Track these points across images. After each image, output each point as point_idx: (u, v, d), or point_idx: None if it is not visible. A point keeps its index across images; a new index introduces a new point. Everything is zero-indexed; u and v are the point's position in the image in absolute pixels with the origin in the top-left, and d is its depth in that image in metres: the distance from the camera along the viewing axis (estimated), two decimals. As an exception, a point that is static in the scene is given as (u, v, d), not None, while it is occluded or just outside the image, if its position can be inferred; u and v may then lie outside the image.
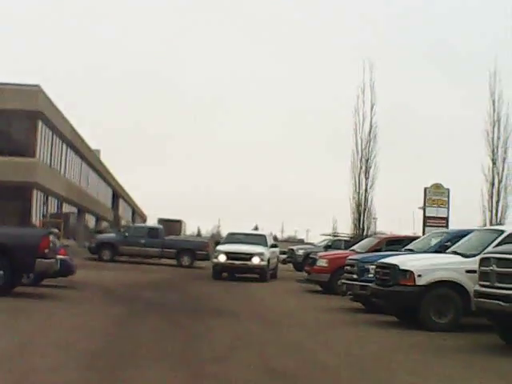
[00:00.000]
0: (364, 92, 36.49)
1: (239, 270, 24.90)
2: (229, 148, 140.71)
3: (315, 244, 37.82)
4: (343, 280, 15.92)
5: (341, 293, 16.36)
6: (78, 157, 47.45)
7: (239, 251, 24.77)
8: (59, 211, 41.99)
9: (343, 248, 27.19)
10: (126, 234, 33.98)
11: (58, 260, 14.62)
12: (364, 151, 36.04)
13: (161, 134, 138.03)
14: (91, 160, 52.02)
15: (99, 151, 57.84)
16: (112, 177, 63.58)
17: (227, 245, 25.72)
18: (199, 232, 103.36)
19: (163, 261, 33.76)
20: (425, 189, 32.94)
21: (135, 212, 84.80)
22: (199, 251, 33.15)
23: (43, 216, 37.33)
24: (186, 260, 32.97)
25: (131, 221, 75.35)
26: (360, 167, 35.98)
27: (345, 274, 15.97)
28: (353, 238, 32.50)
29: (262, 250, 25.07)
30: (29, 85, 33.66)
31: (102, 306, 13.44)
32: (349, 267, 15.84)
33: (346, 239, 33.44)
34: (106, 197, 63.40)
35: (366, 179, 35.91)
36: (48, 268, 13.76)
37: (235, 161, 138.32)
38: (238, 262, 24.52)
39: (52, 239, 13.96)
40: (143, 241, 33.15)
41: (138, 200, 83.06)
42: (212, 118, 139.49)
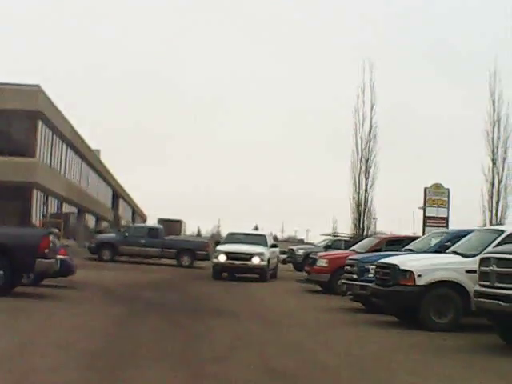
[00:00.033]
0: (364, 92, 36.60)
1: (239, 270, 24.89)
2: (229, 148, 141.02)
3: (315, 244, 37.83)
4: (343, 280, 15.92)
5: (341, 293, 16.36)
6: (78, 157, 47.49)
7: (239, 251, 24.74)
8: (59, 211, 41.96)
9: (343, 248, 27.19)
10: (126, 234, 33.94)
11: (58, 260, 14.62)
12: (364, 151, 36.17)
13: (161, 134, 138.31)
14: (91, 160, 52.07)
15: (99, 151, 57.87)
16: (112, 177, 63.61)
17: (227, 245, 25.70)
18: (199, 232, 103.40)
19: (163, 261, 33.77)
20: (425, 189, 32.99)
21: (135, 212, 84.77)
22: (199, 251, 33.12)
23: (43, 216, 37.28)
24: (186, 260, 32.95)
25: (131, 221, 75.35)
26: (360, 167, 36.09)
27: (345, 274, 15.97)
28: (353, 238, 32.50)
29: (262, 250, 25.04)
30: (29, 85, 33.68)
31: (102, 306, 13.46)
32: (349, 267, 15.84)
33: (346, 239, 33.44)
34: (106, 197, 63.41)
35: (366, 179, 36.00)
36: (48, 268, 13.76)
37: (235, 161, 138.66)
38: (238, 262, 24.49)
39: (52, 239, 13.95)
40: (143, 241, 33.12)
41: (138, 200, 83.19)
42: (212, 118, 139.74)
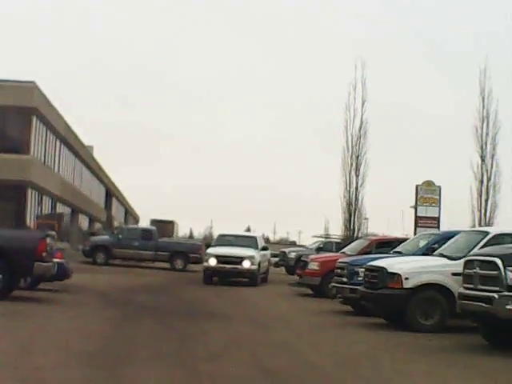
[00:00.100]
0: (355, 89, 36.47)
1: (229, 274, 24.47)
2: (220, 147, 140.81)
3: (307, 246, 37.97)
4: (333, 283, 16.03)
5: (331, 296, 16.59)
6: (72, 153, 46.66)
7: (229, 254, 24.29)
8: (53, 211, 41.30)
9: (334, 250, 27.45)
10: (120, 236, 33.57)
11: (55, 263, 14.61)
12: (354, 148, 35.98)
13: (153, 133, 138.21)
14: (84, 157, 51.11)
15: (92, 147, 56.59)
16: (105, 174, 62.60)
17: (217, 247, 25.31)
18: (191, 233, 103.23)
19: (156, 264, 33.45)
20: (416, 186, 32.68)
21: (128, 212, 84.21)
22: (192, 254, 32.76)
23: (37, 217, 36.66)
24: (180, 263, 32.64)
25: (124, 222, 75.18)
26: (350, 164, 35.95)
27: (335, 278, 16.04)
28: (344, 240, 32.66)
29: (253, 253, 24.55)
30: (24, 81, 33.49)
31: (98, 310, 13.65)
32: (339, 270, 15.94)
33: (338, 241, 33.66)
34: (100, 196, 62.56)
35: (357, 177, 35.83)
36: (46, 271, 13.70)
37: (227, 160, 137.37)
38: (229, 266, 24.07)
39: (49, 242, 13.87)
40: (137, 243, 32.75)
41: (131, 200, 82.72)
42: (206, 118, 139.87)
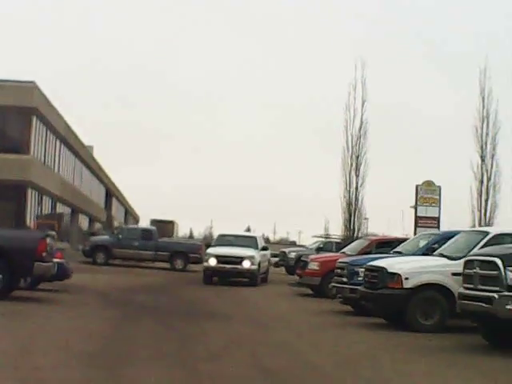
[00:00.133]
0: (356, 89, 36.47)
1: (229, 274, 24.50)
2: (220, 147, 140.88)
3: (307, 246, 37.97)
4: (333, 283, 16.03)
5: (331, 296, 16.59)
6: (72, 153, 46.63)
7: (229, 254, 24.32)
8: (53, 211, 41.32)
9: (334, 250, 27.45)
10: (120, 236, 33.59)
11: (55, 263, 14.62)
12: (354, 148, 35.94)
13: (154, 134, 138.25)
14: (84, 157, 51.08)
15: (92, 147, 56.56)
16: (105, 174, 62.55)
17: (217, 247, 25.35)
18: (191, 233, 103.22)
19: (156, 264, 33.49)
20: (416, 186, 32.66)
21: (128, 212, 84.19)
22: (192, 254, 32.80)
23: (37, 217, 36.68)
24: (180, 263, 32.67)
25: (124, 222, 75.16)
26: (350, 164, 35.91)
27: (335, 278, 16.04)
28: (344, 240, 32.67)
29: (253, 253, 24.58)
30: (24, 81, 33.49)
31: (98, 310, 13.66)
32: (339, 270, 15.94)
33: (338, 241, 33.66)
34: (99, 196, 62.53)
35: (357, 176, 35.84)
36: (46, 272, 13.70)
37: (227, 160, 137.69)
38: (229, 266, 24.09)
39: (49, 242, 13.88)
40: (137, 243, 32.78)
41: (131, 200, 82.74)
42: (204, 119, 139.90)
